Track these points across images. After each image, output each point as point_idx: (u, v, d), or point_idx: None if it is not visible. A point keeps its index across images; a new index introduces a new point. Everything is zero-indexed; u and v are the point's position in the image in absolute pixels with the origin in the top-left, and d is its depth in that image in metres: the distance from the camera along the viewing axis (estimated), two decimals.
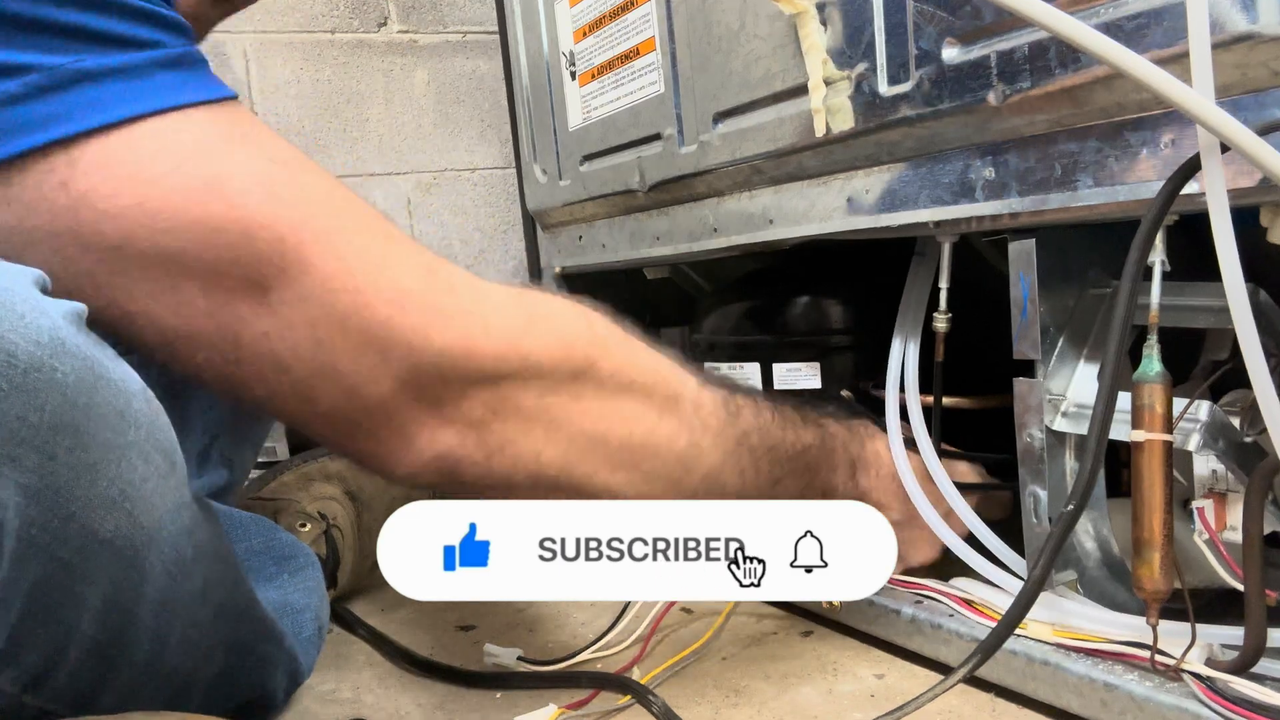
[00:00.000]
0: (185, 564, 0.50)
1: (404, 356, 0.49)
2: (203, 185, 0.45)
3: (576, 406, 0.55)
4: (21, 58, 0.42)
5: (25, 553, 0.42)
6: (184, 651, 0.53)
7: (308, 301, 0.47)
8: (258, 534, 0.70)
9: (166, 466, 0.47)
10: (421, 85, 1.43)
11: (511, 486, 0.55)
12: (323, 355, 0.47)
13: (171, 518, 0.48)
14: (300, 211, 0.47)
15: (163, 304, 0.46)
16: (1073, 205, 0.53)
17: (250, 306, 0.46)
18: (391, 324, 0.48)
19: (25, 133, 0.43)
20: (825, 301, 0.85)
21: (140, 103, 0.44)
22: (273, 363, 0.47)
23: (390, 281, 0.49)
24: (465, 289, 0.52)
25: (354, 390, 0.49)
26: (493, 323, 0.52)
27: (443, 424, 0.51)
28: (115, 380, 0.44)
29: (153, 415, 0.46)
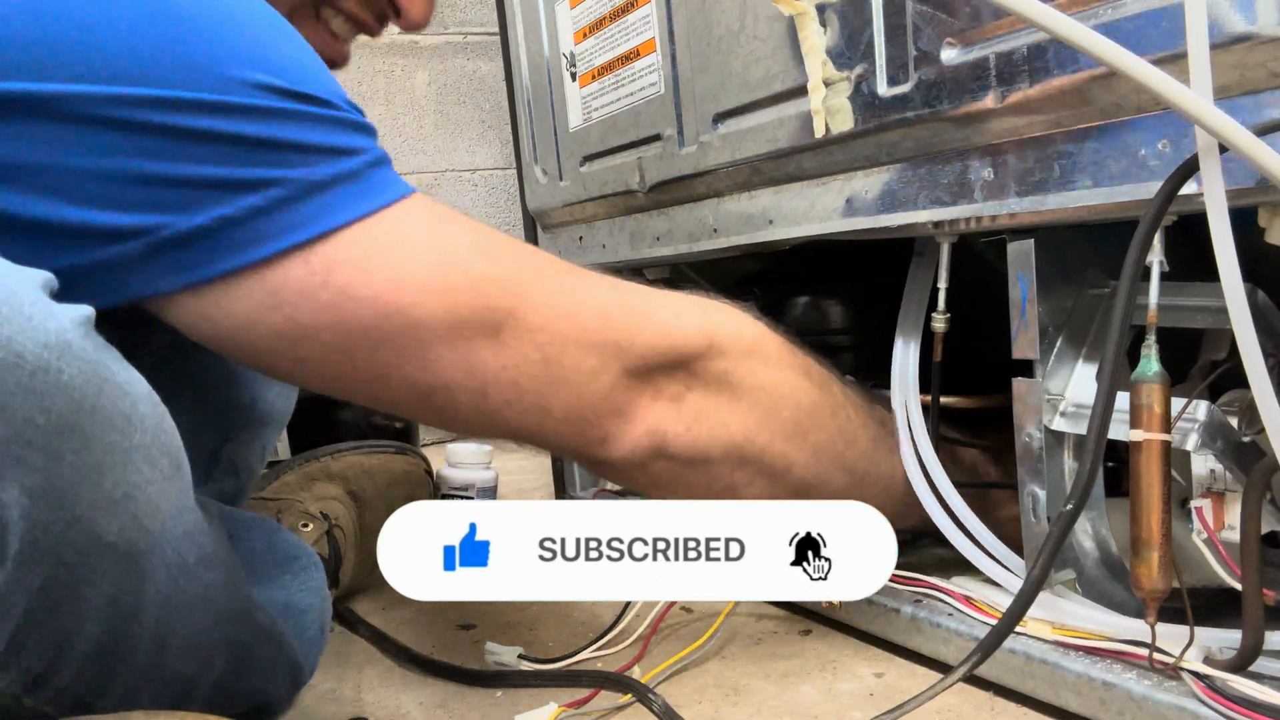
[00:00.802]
0: (188, 567, 0.51)
1: (616, 354, 0.58)
2: (438, 261, 0.53)
3: (752, 378, 0.63)
4: (260, 173, 0.48)
5: (29, 554, 0.42)
6: (185, 655, 0.53)
7: (535, 332, 0.55)
8: (260, 534, 0.70)
9: (171, 470, 0.47)
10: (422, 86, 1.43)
11: (708, 460, 0.62)
12: (553, 370, 0.56)
13: (175, 521, 0.49)
14: (512, 265, 0.56)
15: (417, 364, 0.53)
16: (1071, 206, 0.54)
17: (490, 348, 0.54)
18: (602, 332, 0.58)
19: (277, 238, 0.48)
20: (825, 301, 0.85)
21: (368, 202, 0.51)
22: (514, 388, 0.55)
23: (593, 300, 0.59)
24: (651, 295, 0.62)
25: (581, 391, 0.57)
26: (681, 314, 0.62)
27: (651, 400, 0.59)
28: (121, 383, 0.44)
29: (158, 419, 0.47)
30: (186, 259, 0.48)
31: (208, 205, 0.47)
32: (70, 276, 0.46)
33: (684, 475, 0.62)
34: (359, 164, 0.51)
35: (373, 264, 0.51)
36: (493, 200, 1.47)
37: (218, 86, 0.47)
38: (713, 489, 0.63)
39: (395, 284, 0.51)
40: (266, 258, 0.49)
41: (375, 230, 0.51)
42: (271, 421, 0.89)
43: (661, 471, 0.62)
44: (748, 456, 0.63)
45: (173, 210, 0.47)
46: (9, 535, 0.41)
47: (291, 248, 0.49)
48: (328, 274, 0.50)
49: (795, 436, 0.65)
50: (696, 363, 0.61)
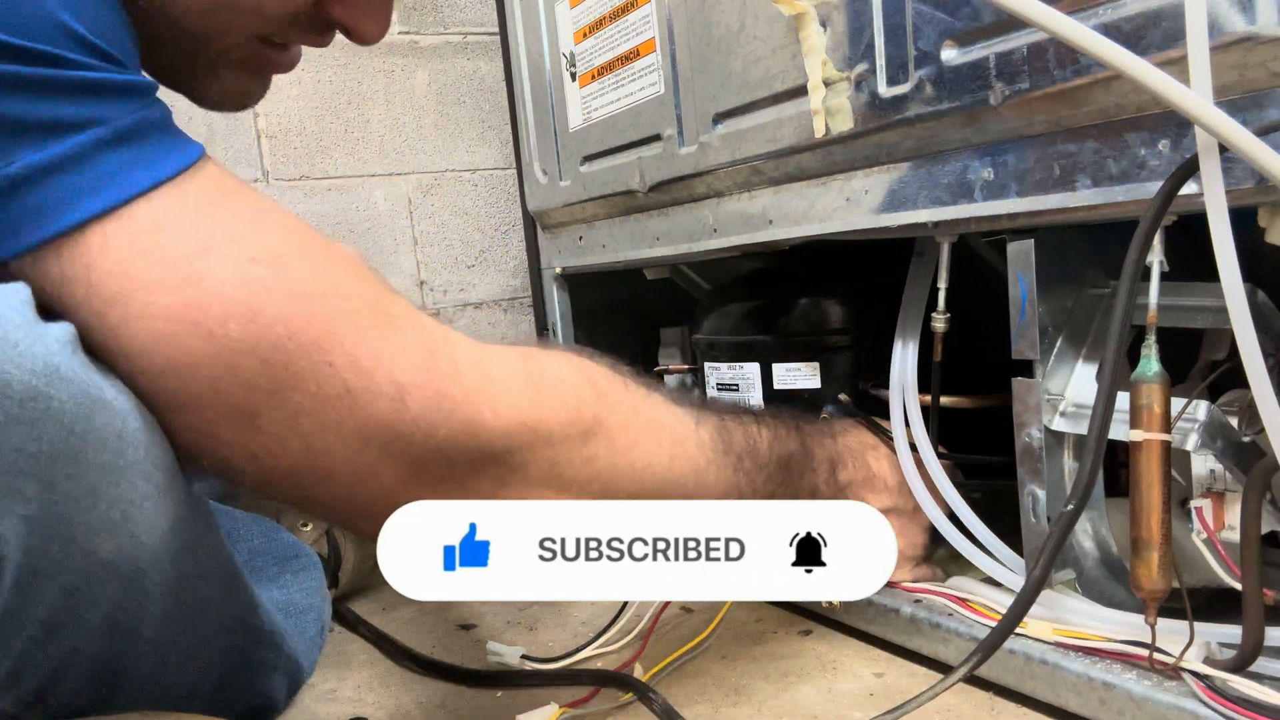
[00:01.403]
0: (186, 579, 0.50)
1: (405, 450, 0.47)
2: (181, 312, 0.42)
3: (588, 468, 0.54)
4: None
5: (28, 582, 0.41)
6: (184, 666, 0.53)
7: (299, 417, 0.45)
8: (260, 534, 0.70)
9: (165, 483, 0.46)
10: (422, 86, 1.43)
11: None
12: (317, 461, 0.46)
13: (173, 534, 0.48)
14: (286, 322, 0.44)
15: (172, 426, 0.45)
16: (1071, 206, 0.54)
17: (235, 432, 0.44)
18: (390, 422, 0.46)
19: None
20: (825, 301, 0.85)
21: (93, 200, 0.41)
22: (264, 479, 0.46)
23: (387, 377, 0.46)
24: (469, 368, 0.49)
25: (351, 489, 0.48)
26: (500, 399, 0.50)
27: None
28: (110, 401, 0.43)
29: (149, 433, 0.45)
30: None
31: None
32: None
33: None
34: (88, 141, 0.41)
35: (87, 309, 0.42)
36: (493, 200, 1.47)
37: None
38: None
39: (115, 333, 0.42)
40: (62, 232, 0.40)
41: (93, 247, 0.41)
42: None
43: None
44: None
45: None
46: (6, 565, 0.40)
47: (70, 228, 0.41)
48: (121, 261, 0.41)
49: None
50: (513, 458, 0.52)
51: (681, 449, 0.59)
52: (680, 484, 0.59)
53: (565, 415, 0.53)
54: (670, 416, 0.60)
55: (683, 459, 0.59)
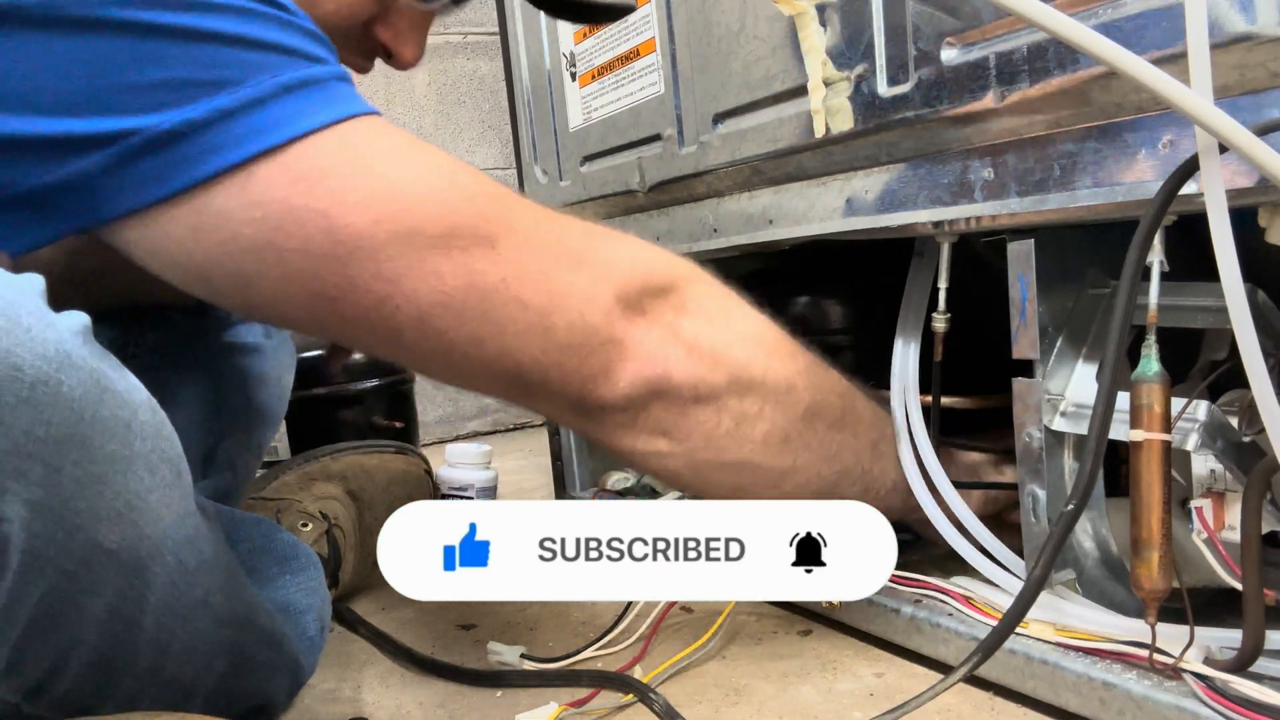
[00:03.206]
0: (188, 573, 0.50)
1: (607, 272, 0.56)
2: (425, 170, 0.50)
3: (731, 307, 0.62)
4: (227, 73, 0.45)
5: (31, 565, 0.41)
6: (185, 660, 0.53)
7: (529, 243, 0.53)
8: (259, 535, 0.70)
9: (172, 476, 0.47)
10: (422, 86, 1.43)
11: (714, 392, 0.58)
12: (553, 284, 0.53)
13: (176, 527, 0.48)
14: (491, 186, 0.54)
15: (414, 277, 0.49)
16: (1071, 205, 0.53)
17: (488, 258, 0.51)
18: (589, 249, 0.56)
19: (250, 140, 0.45)
20: (825, 301, 0.85)
21: (344, 107, 0.48)
22: (517, 304, 0.52)
23: (573, 225, 0.57)
24: (620, 233, 0.60)
25: (583, 309, 0.54)
26: (651, 247, 0.60)
27: (648, 327, 0.57)
28: (121, 392, 0.44)
29: (157, 425, 0.46)
30: (154, 169, 0.45)
31: (174, 107, 0.44)
32: (42, 200, 0.44)
33: (689, 415, 0.58)
34: (328, 73, 0.48)
35: (358, 168, 0.48)
36: None
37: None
38: (721, 426, 0.59)
39: (385, 189, 0.48)
40: (240, 162, 0.45)
41: (355, 136, 0.48)
42: (265, 419, 0.89)
43: (663, 417, 0.58)
44: (754, 381, 0.60)
45: (137, 114, 0.44)
46: (10, 549, 0.40)
47: (268, 150, 0.45)
48: (310, 179, 0.46)
49: (788, 357, 0.63)
50: (679, 290, 0.58)
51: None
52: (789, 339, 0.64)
53: (693, 265, 0.62)
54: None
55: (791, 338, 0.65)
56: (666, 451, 0.60)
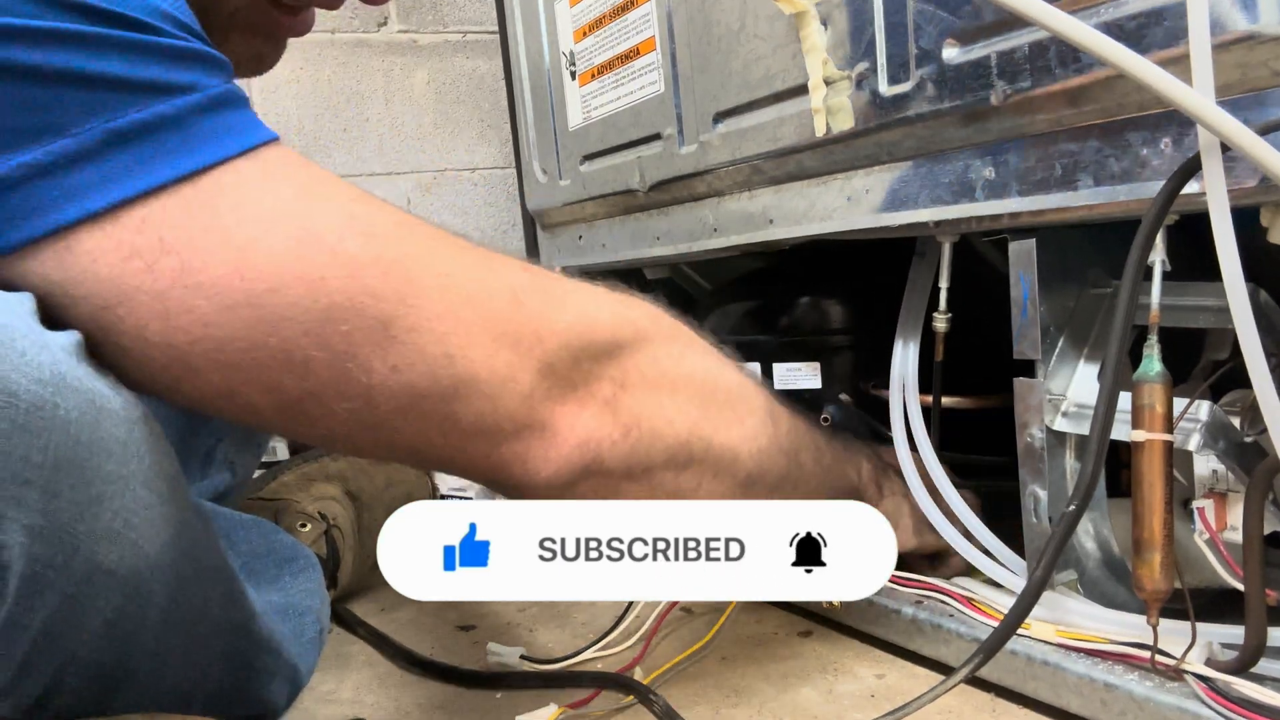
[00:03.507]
0: (186, 584, 0.50)
1: (534, 345, 0.49)
2: (299, 235, 0.43)
3: (683, 364, 0.57)
4: (40, 120, 0.38)
5: (31, 590, 0.41)
6: (183, 670, 0.52)
7: (433, 320, 0.45)
8: (258, 536, 0.70)
9: (168, 490, 0.46)
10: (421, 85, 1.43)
11: (649, 469, 0.55)
12: (459, 368, 0.46)
13: (174, 541, 0.48)
14: (396, 242, 0.46)
15: (276, 369, 0.43)
16: (1073, 205, 0.53)
17: (374, 345, 0.44)
18: (515, 318, 0.48)
19: (65, 204, 0.39)
20: (825, 301, 0.85)
21: (198, 155, 0.41)
22: (410, 392, 0.45)
23: (500, 282, 0.49)
24: (561, 279, 0.54)
25: (496, 395, 0.48)
26: (599, 301, 0.54)
27: (579, 408, 0.51)
28: (117, 410, 0.43)
29: (154, 440, 0.45)
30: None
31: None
32: None
33: (620, 490, 0.55)
34: (184, 105, 0.41)
35: (208, 237, 0.41)
36: (492, 200, 1.47)
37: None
38: (654, 499, 0.56)
39: (241, 265, 0.41)
40: (53, 231, 0.39)
41: (210, 192, 0.41)
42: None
43: (591, 491, 0.54)
44: (695, 455, 0.57)
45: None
46: (9, 575, 0.40)
47: (88, 217, 0.39)
48: (143, 253, 0.40)
49: (734, 423, 0.59)
50: (623, 356, 0.53)
51: (741, 367, 0.62)
52: (755, 394, 0.61)
53: (651, 318, 0.56)
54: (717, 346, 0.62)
55: (748, 375, 0.61)
56: None
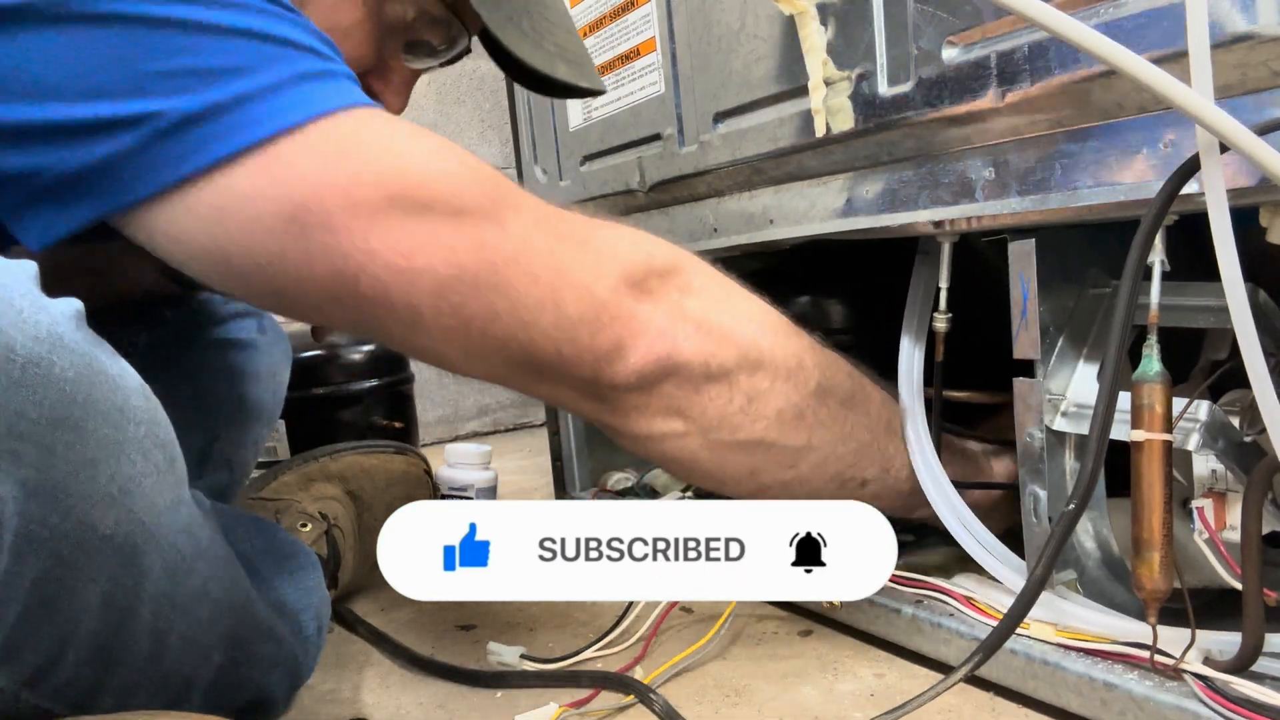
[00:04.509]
0: (184, 561, 0.51)
1: (611, 254, 0.57)
2: (434, 150, 0.52)
3: (731, 287, 0.63)
4: (250, 61, 0.47)
5: (24, 548, 0.42)
6: (183, 651, 0.53)
7: (535, 223, 0.54)
8: (259, 534, 0.70)
9: (165, 463, 0.47)
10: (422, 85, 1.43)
11: (725, 369, 0.59)
12: (560, 261, 0.54)
13: (171, 514, 0.49)
14: (494, 171, 0.55)
15: (430, 250, 0.50)
16: (1072, 205, 0.53)
17: (495, 232, 0.52)
18: (593, 235, 0.57)
19: (274, 119, 0.47)
20: (825, 301, 0.85)
21: (356, 96, 0.51)
22: (528, 276, 0.53)
23: (576, 214, 0.58)
24: (617, 223, 0.61)
25: (590, 286, 0.55)
26: (651, 236, 0.60)
27: (654, 307, 0.57)
28: (114, 376, 0.44)
29: (151, 411, 0.47)
30: (180, 149, 0.46)
31: (198, 91, 0.46)
32: (68, 188, 0.45)
33: (702, 393, 0.58)
34: (338, 69, 0.51)
35: (374, 147, 0.50)
36: None
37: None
38: (734, 403, 0.59)
39: (400, 166, 0.50)
40: (262, 140, 0.47)
41: (368, 121, 0.50)
42: (260, 417, 0.89)
43: (676, 395, 0.58)
44: (763, 357, 0.60)
45: (164, 97, 0.45)
46: (3, 530, 0.41)
47: (288, 128, 0.47)
48: (330, 156, 0.48)
49: (794, 335, 0.63)
50: (682, 272, 0.59)
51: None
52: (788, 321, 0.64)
53: (689, 254, 0.62)
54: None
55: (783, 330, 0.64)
56: (682, 432, 0.59)
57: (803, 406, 0.61)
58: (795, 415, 0.61)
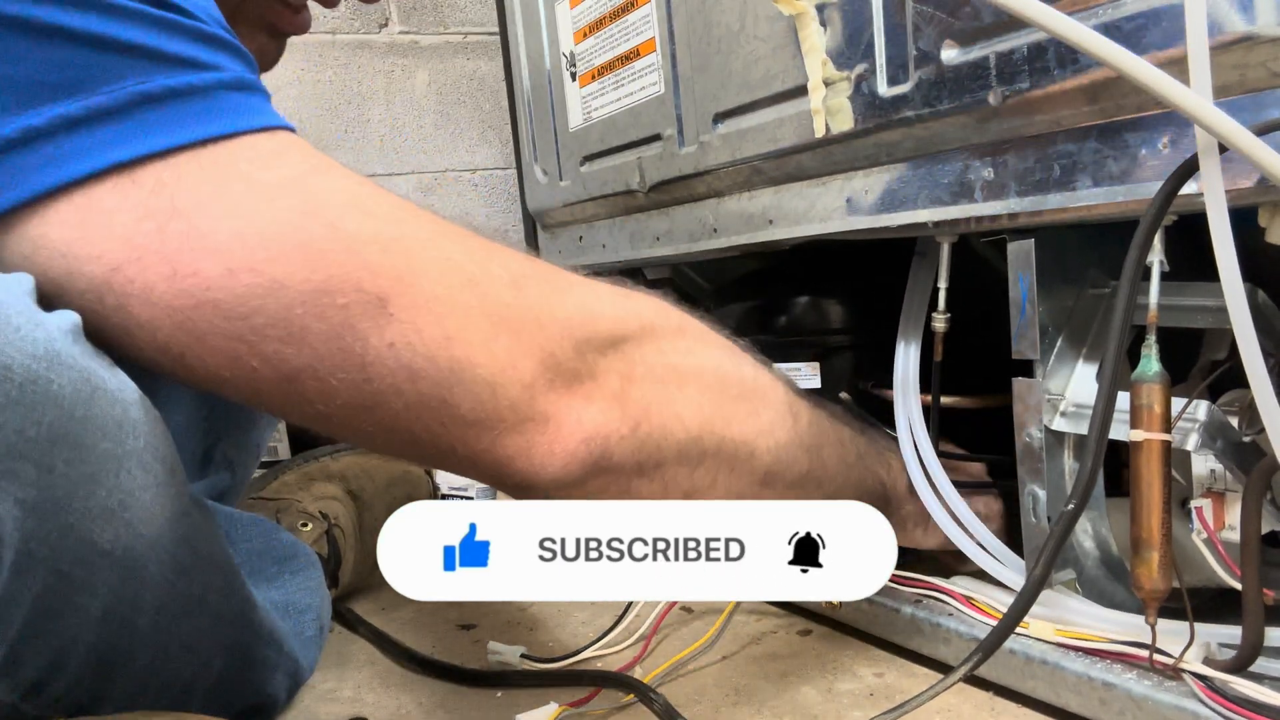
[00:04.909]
0: (185, 571, 0.50)
1: (535, 333, 0.47)
2: (300, 209, 0.43)
3: (691, 358, 0.55)
4: (76, 76, 0.40)
5: (24, 566, 0.41)
6: (183, 659, 0.53)
7: (431, 301, 0.45)
8: (258, 534, 0.70)
9: (165, 474, 0.47)
10: (422, 86, 1.44)
11: (661, 464, 0.53)
12: (456, 350, 0.45)
13: (171, 526, 0.48)
14: (396, 223, 0.46)
15: (275, 338, 0.43)
16: (1071, 205, 0.53)
17: (371, 320, 0.43)
18: (515, 305, 0.47)
19: (92, 154, 0.40)
20: (825, 301, 0.85)
21: (216, 124, 0.42)
22: (407, 371, 0.44)
23: (501, 269, 0.48)
24: (564, 271, 0.52)
25: (495, 381, 0.46)
26: (602, 294, 0.52)
27: (585, 402, 0.49)
28: (112, 390, 0.43)
29: (151, 423, 0.46)
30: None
31: (15, 111, 0.40)
32: None
33: (632, 488, 0.53)
34: (211, 80, 0.43)
35: (219, 203, 0.42)
36: (493, 200, 1.47)
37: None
38: (667, 498, 0.55)
39: (246, 231, 0.42)
40: (76, 180, 0.40)
41: (224, 161, 0.42)
42: (262, 420, 0.89)
43: (601, 489, 0.52)
44: (707, 450, 0.55)
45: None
46: (3, 549, 0.40)
47: (109, 168, 0.40)
48: (157, 213, 0.41)
49: (749, 417, 0.57)
50: (628, 347, 0.52)
51: (757, 359, 0.60)
52: (772, 386, 0.59)
53: (658, 310, 0.55)
54: (733, 340, 0.60)
55: (765, 367, 0.59)
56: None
57: (744, 496, 0.58)
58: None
